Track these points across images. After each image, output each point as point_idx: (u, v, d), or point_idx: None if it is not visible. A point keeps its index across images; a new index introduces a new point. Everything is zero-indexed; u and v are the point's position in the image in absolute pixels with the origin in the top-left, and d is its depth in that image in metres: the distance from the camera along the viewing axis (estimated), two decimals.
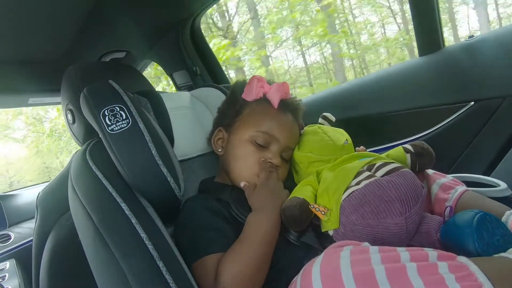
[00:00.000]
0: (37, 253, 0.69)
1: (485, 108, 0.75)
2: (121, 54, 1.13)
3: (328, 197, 0.49)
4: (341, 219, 0.46)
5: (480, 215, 0.41)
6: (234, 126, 0.66)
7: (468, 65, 0.78)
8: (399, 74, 0.91)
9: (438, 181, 0.56)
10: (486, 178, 0.65)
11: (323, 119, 0.69)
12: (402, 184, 0.45)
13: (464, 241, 0.40)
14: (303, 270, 0.36)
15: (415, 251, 0.33)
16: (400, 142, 0.86)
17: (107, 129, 0.48)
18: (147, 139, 0.49)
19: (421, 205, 0.47)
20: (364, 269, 0.31)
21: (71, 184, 0.51)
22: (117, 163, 0.48)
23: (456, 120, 0.79)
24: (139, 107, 0.53)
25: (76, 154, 0.55)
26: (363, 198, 0.45)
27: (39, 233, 0.70)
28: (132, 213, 0.45)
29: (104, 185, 0.47)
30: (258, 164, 0.60)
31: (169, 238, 0.46)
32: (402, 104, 0.88)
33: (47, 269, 0.66)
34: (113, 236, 0.43)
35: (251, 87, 0.64)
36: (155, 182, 0.49)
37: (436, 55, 0.84)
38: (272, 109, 0.64)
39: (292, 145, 0.64)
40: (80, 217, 0.48)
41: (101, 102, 0.50)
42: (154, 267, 0.40)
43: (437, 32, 0.83)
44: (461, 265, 0.30)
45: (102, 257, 0.43)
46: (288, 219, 0.50)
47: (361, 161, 0.53)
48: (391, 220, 0.44)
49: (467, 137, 0.79)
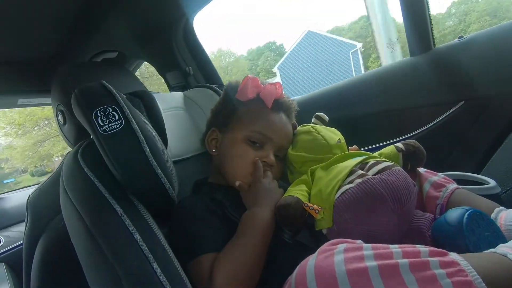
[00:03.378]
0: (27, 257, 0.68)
1: (474, 107, 0.77)
2: (113, 54, 1.12)
3: (322, 196, 0.49)
4: (335, 218, 0.47)
5: (470, 212, 0.42)
6: (228, 126, 0.66)
7: (457, 65, 0.79)
8: (390, 74, 0.92)
9: (429, 179, 0.57)
10: (476, 176, 0.67)
11: (316, 119, 0.69)
12: (394, 182, 0.46)
13: (454, 238, 0.41)
14: (297, 269, 0.36)
15: (407, 248, 0.33)
16: (392, 141, 0.87)
17: (100, 130, 0.47)
18: (140, 139, 0.48)
19: (413, 203, 0.48)
20: (357, 266, 0.31)
21: (63, 186, 0.51)
22: (110, 164, 0.48)
23: (446, 119, 0.80)
24: (132, 108, 0.52)
25: (68, 156, 0.54)
26: (356, 197, 0.45)
27: (29, 236, 0.69)
28: (125, 214, 0.44)
29: (97, 187, 0.47)
30: (252, 164, 0.60)
31: (163, 239, 0.46)
32: (393, 103, 0.89)
33: (38, 273, 0.65)
34: (106, 238, 0.42)
35: (244, 87, 0.64)
36: (149, 183, 0.49)
37: (427, 55, 0.85)
38: (265, 109, 0.64)
39: (285, 145, 0.65)
40: (72, 219, 0.47)
41: (93, 103, 0.49)
42: (149, 269, 0.40)
43: (428, 33, 0.84)
44: (452, 261, 0.31)
45: (95, 259, 0.42)
46: (283, 218, 0.50)
47: (353, 160, 0.53)
48: (383, 218, 0.44)
49: (458, 136, 0.80)
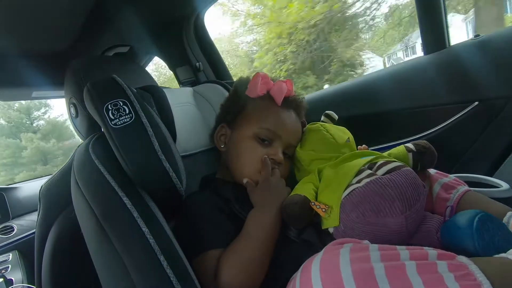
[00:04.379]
0: (39, 245, 0.70)
1: (489, 108, 0.75)
2: (125, 49, 1.14)
3: (329, 195, 0.49)
4: (342, 217, 0.46)
5: (481, 215, 0.41)
6: (237, 123, 0.66)
7: (473, 64, 0.77)
8: (403, 73, 0.91)
9: (440, 180, 0.56)
10: (488, 178, 0.65)
11: (325, 117, 0.69)
12: (403, 183, 0.45)
13: (464, 241, 0.40)
14: (302, 267, 0.36)
15: (414, 250, 0.33)
16: (402, 141, 0.86)
17: (110, 123, 0.48)
18: (149, 133, 0.49)
19: (422, 204, 0.47)
20: (363, 267, 0.31)
21: (74, 177, 0.52)
22: (120, 157, 0.48)
23: (459, 120, 0.78)
24: (142, 102, 0.53)
25: (79, 148, 0.56)
26: (364, 196, 0.45)
27: (41, 225, 0.71)
28: (134, 207, 0.45)
29: (107, 179, 0.48)
30: (260, 161, 0.60)
31: (170, 233, 0.47)
32: (405, 102, 0.87)
33: (50, 261, 0.67)
34: (115, 230, 0.43)
35: (254, 84, 0.64)
36: (157, 176, 0.49)
37: (441, 53, 0.83)
38: (275, 106, 0.63)
39: (294, 142, 0.64)
40: (82, 210, 0.48)
41: (105, 97, 0.50)
42: (155, 262, 0.41)
43: (442, 31, 0.82)
44: (461, 265, 0.30)
45: (104, 250, 0.43)
46: (289, 216, 0.50)
47: (362, 160, 0.53)
48: (391, 219, 0.44)
49: (471, 137, 0.78)
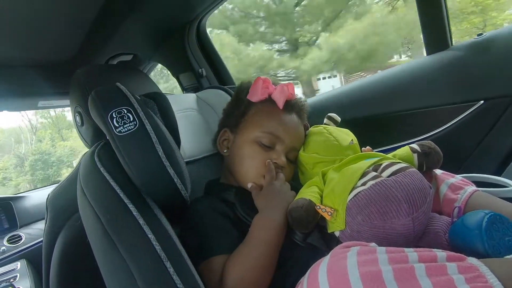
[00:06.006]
0: (47, 253, 0.70)
1: (494, 107, 0.74)
2: (128, 57, 1.15)
3: (334, 198, 0.49)
4: (347, 220, 0.46)
5: (490, 215, 0.40)
6: (239, 127, 0.66)
7: (476, 63, 0.76)
8: (406, 73, 0.90)
9: (447, 181, 0.55)
10: (496, 178, 0.64)
11: (328, 120, 0.69)
12: (409, 184, 0.45)
13: (473, 242, 0.39)
14: (309, 271, 0.36)
15: (423, 252, 0.32)
16: (407, 142, 0.85)
17: (115, 131, 0.49)
18: (154, 140, 0.49)
19: (429, 205, 0.47)
20: (371, 270, 0.31)
21: (80, 185, 0.52)
22: (125, 164, 0.49)
23: (465, 119, 0.78)
24: (146, 109, 0.53)
25: (85, 156, 0.56)
26: (369, 199, 0.45)
27: (48, 233, 0.71)
28: (139, 214, 0.45)
29: (112, 187, 0.48)
30: (264, 165, 0.60)
31: (176, 239, 0.47)
32: (409, 103, 0.87)
33: (57, 269, 0.67)
34: (121, 237, 0.44)
35: (256, 88, 0.64)
36: (162, 183, 0.50)
37: (444, 53, 0.82)
38: (277, 110, 0.64)
39: (297, 146, 0.64)
40: (88, 218, 0.49)
41: (109, 104, 0.51)
42: (162, 268, 0.41)
43: (445, 30, 0.82)
44: (471, 266, 0.30)
45: (111, 257, 0.43)
46: (295, 221, 0.50)
47: (367, 162, 0.52)
48: (398, 221, 0.43)
49: (477, 137, 0.78)
